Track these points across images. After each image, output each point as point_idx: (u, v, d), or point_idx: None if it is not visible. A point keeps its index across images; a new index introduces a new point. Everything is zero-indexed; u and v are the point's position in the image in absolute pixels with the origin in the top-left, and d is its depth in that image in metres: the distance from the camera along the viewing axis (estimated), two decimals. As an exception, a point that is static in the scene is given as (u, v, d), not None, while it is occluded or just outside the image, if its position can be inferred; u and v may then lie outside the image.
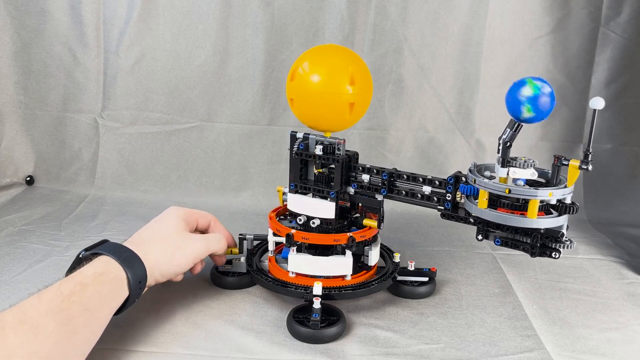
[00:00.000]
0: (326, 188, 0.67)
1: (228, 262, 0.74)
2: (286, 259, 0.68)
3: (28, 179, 1.14)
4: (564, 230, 0.59)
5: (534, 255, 0.59)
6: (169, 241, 0.63)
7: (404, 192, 0.67)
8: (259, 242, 0.78)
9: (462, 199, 0.64)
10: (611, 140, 1.15)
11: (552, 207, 0.60)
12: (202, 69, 1.11)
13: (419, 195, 0.66)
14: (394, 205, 0.74)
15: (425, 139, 1.15)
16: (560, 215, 0.58)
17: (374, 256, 0.70)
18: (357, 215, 0.72)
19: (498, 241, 0.61)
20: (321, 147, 0.67)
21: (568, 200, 0.59)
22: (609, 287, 0.78)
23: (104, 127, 1.13)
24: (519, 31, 1.11)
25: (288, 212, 0.73)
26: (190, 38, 1.10)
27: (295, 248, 0.67)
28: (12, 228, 0.91)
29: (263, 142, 1.14)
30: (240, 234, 0.75)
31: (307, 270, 0.67)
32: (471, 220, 0.63)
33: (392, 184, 0.67)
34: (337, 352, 0.58)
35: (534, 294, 0.75)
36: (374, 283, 0.68)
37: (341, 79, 0.64)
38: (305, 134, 0.69)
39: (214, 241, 0.68)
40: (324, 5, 1.08)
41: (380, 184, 0.67)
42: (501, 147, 0.58)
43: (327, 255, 0.68)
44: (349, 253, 0.67)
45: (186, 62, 1.11)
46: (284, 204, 0.74)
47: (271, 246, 0.71)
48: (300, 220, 0.69)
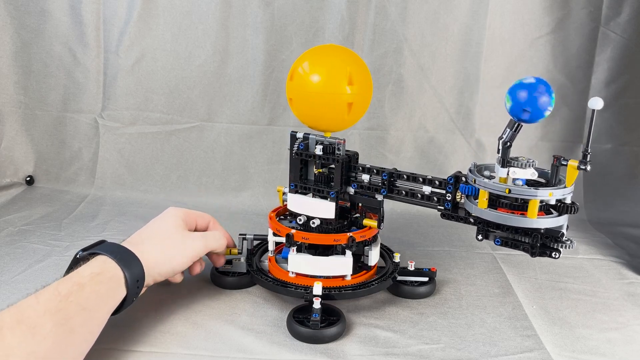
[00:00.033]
0: (326, 188, 0.67)
1: (228, 262, 0.74)
2: (286, 259, 0.68)
3: (28, 179, 1.14)
4: (564, 230, 0.59)
5: (534, 255, 0.59)
6: (166, 240, 0.63)
7: (404, 192, 0.67)
8: (259, 242, 0.78)
9: (462, 199, 0.64)
10: (611, 140, 1.15)
11: (552, 207, 0.60)
12: (202, 69, 1.11)
13: (419, 195, 0.66)
14: (394, 205, 0.74)
15: (425, 139, 1.15)
16: (560, 215, 0.58)
17: (374, 256, 0.70)
18: (357, 215, 0.72)
19: (498, 241, 0.61)
20: (321, 147, 0.67)
21: (568, 200, 0.59)
22: (609, 287, 0.78)
23: (104, 127, 1.13)
24: (519, 31, 1.11)
25: (288, 212, 0.73)
26: (190, 38, 1.10)
27: (295, 248, 0.67)
28: (12, 228, 0.91)
29: (263, 142, 1.14)
30: (240, 234, 0.75)
31: (307, 270, 0.67)
32: (471, 220, 0.63)
33: (392, 184, 0.67)
34: (337, 352, 0.58)
35: (534, 294, 0.75)
36: (374, 283, 0.68)
37: (339, 79, 0.64)
38: (305, 134, 0.69)
39: (212, 239, 0.68)
40: (324, 5, 1.08)
41: (380, 184, 0.67)
42: (501, 147, 0.58)
43: (327, 255, 0.68)
44: (349, 253, 0.67)
45: (186, 62, 1.11)
46: (284, 204, 0.74)
47: (271, 246, 0.71)
48: (300, 220, 0.69)
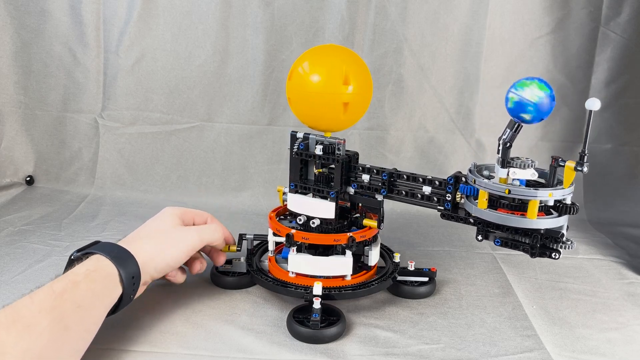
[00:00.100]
0: (326, 188, 0.67)
1: (228, 262, 0.74)
2: (286, 259, 0.68)
3: (28, 179, 1.14)
4: (564, 230, 0.59)
5: (533, 255, 0.59)
6: (161, 236, 0.63)
7: (404, 192, 0.67)
8: (259, 242, 0.78)
9: (462, 199, 0.64)
10: (611, 140, 1.15)
11: (552, 207, 0.60)
12: (202, 69, 1.11)
13: (418, 196, 0.66)
14: (394, 205, 0.74)
15: (425, 139, 1.15)
16: (560, 216, 0.58)
17: (374, 256, 0.70)
18: (357, 215, 0.72)
19: (498, 241, 0.61)
20: (321, 147, 0.67)
21: (568, 200, 0.58)
22: (609, 287, 0.78)
23: (104, 127, 1.13)
24: (519, 31, 1.11)
25: (288, 212, 0.73)
26: (190, 38, 1.10)
27: (295, 248, 0.67)
28: (12, 228, 0.91)
29: (263, 142, 1.14)
30: (240, 234, 0.75)
31: (307, 270, 0.67)
32: (471, 221, 0.63)
33: (392, 184, 0.67)
34: (337, 352, 0.58)
35: (534, 294, 0.75)
36: (374, 283, 0.68)
37: (334, 78, 0.64)
38: (305, 133, 0.69)
39: (208, 231, 0.67)
40: (324, 5, 1.08)
41: (380, 184, 0.67)
42: (501, 147, 0.58)
43: (327, 255, 0.68)
44: (349, 253, 0.67)
45: (186, 62, 1.11)
46: (284, 203, 0.74)
47: (271, 246, 0.71)
48: (300, 220, 0.69)
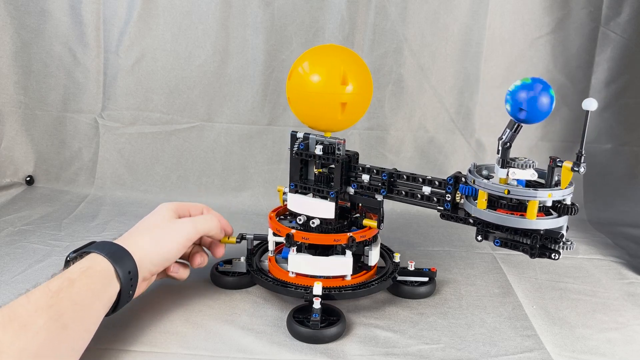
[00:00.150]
0: (326, 188, 0.67)
1: (228, 262, 0.74)
2: (286, 259, 0.68)
3: (28, 179, 1.14)
4: (563, 231, 0.58)
5: (533, 256, 0.59)
6: (156, 229, 0.63)
7: (403, 193, 0.67)
8: (259, 242, 0.78)
9: (462, 199, 0.64)
10: (611, 140, 1.15)
11: (552, 208, 0.59)
12: (202, 69, 1.11)
13: (418, 196, 0.66)
14: (394, 205, 0.74)
15: (425, 139, 1.15)
16: (560, 217, 0.58)
17: (374, 256, 0.70)
18: (357, 215, 0.72)
19: (497, 242, 0.61)
20: (321, 147, 0.67)
21: (568, 201, 0.58)
22: (609, 287, 0.78)
23: (104, 127, 1.13)
24: (519, 31, 1.11)
25: (288, 212, 0.73)
26: (190, 38, 1.10)
27: (295, 248, 0.67)
28: (12, 228, 0.91)
29: (263, 142, 1.14)
30: (239, 234, 0.75)
31: (307, 270, 0.67)
32: (471, 221, 0.63)
33: (392, 184, 0.67)
34: (337, 352, 0.58)
35: (534, 294, 0.75)
36: (374, 283, 0.68)
37: (332, 78, 0.64)
38: (305, 133, 0.69)
39: (202, 221, 0.67)
40: (324, 5, 1.08)
41: (380, 184, 0.67)
42: (501, 147, 0.58)
43: (327, 255, 0.68)
44: (349, 253, 0.67)
45: (186, 62, 1.11)
46: (284, 203, 0.74)
47: (271, 246, 0.71)
48: (300, 220, 0.69)
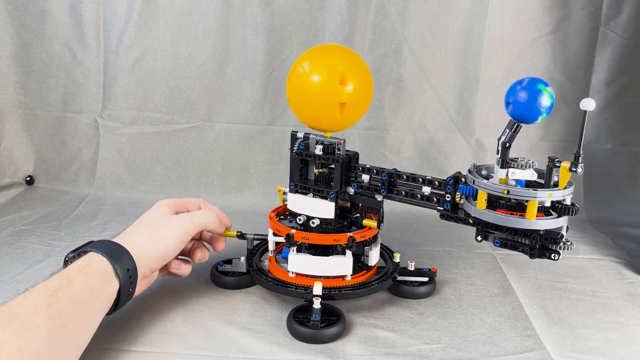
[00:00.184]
0: (326, 188, 0.67)
1: (228, 261, 0.74)
2: (286, 259, 0.68)
3: (28, 179, 1.14)
4: (563, 231, 0.58)
5: (533, 256, 0.59)
6: (152, 226, 0.63)
7: (403, 193, 0.67)
8: (259, 242, 0.78)
9: (462, 199, 0.64)
10: (611, 140, 1.15)
11: (552, 208, 0.59)
12: (202, 69, 1.11)
13: (418, 196, 0.66)
14: (394, 205, 0.74)
15: (425, 139, 1.15)
16: (560, 217, 0.58)
17: (374, 256, 0.70)
18: (357, 215, 0.72)
19: (497, 242, 0.61)
20: (321, 147, 0.67)
21: (568, 201, 0.58)
22: (609, 287, 0.78)
23: (104, 127, 1.13)
24: (519, 31, 1.11)
25: (288, 212, 0.73)
26: (190, 38, 1.10)
27: (295, 248, 0.67)
28: (12, 228, 0.91)
29: (263, 142, 1.14)
30: (238, 231, 0.75)
31: (307, 270, 0.67)
32: (470, 221, 0.63)
33: (392, 184, 0.67)
34: (337, 352, 0.58)
35: (534, 294, 0.75)
36: (374, 283, 0.68)
37: (330, 78, 0.64)
38: (305, 133, 0.69)
39: (200, 215, 0.67)
40: (324, 5, 1.08)
41: (380, 184, 0.67)
42: (500, 148, 0.58)
43: (327, 255, 0.68)
44: (349, 253, 0.67)
45: (186, 62, 1.11)
46: (284, 203, 0.74)
47: (271, 246, 0.71)
48: (300, 220, 0.69)
